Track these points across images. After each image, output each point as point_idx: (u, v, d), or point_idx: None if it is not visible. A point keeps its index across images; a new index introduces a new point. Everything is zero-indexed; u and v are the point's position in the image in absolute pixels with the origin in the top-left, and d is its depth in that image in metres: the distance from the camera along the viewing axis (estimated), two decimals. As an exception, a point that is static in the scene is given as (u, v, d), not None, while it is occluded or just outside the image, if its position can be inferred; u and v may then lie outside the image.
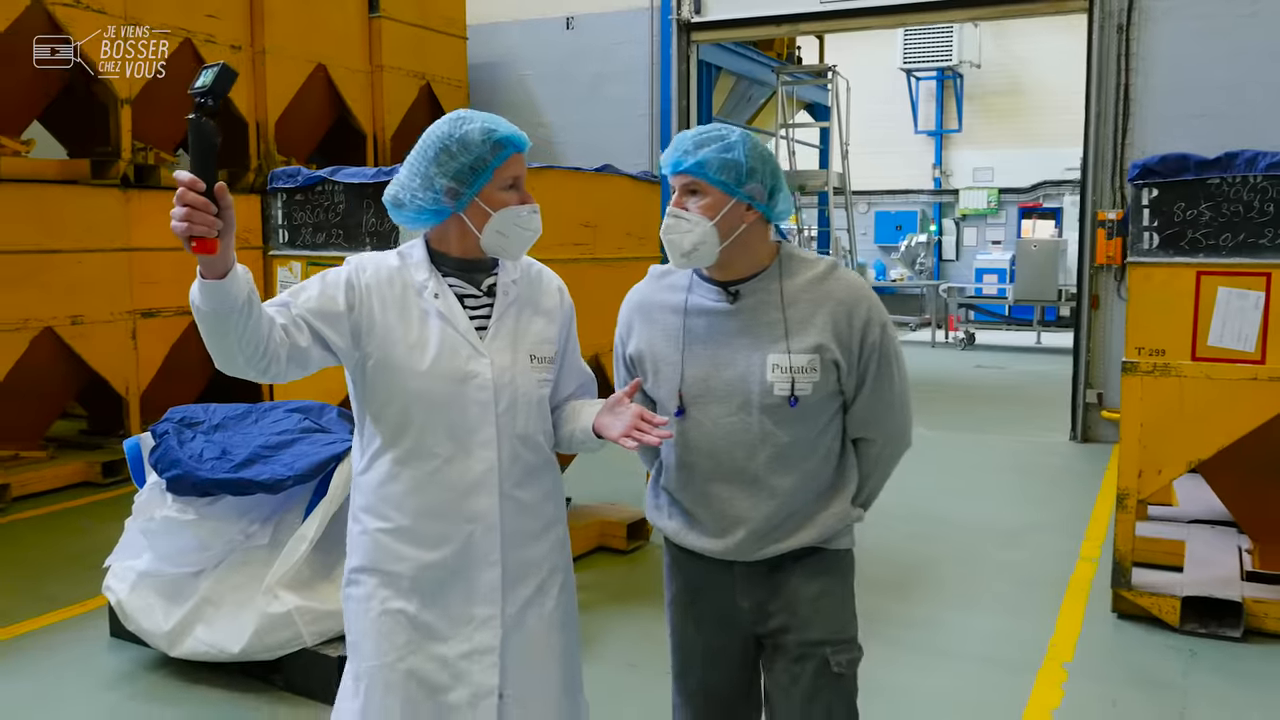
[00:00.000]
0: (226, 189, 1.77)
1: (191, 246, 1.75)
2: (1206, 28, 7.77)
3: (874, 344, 2.14)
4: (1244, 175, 4.05)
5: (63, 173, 6.71)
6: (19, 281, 6.29)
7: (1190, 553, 4.86)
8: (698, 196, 2.09)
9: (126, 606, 3.98)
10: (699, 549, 2.22)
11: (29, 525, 6.04)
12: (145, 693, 3.86)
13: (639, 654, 4.14)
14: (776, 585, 2.20)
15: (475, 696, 2.09)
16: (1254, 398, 4.11)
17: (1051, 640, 4.30)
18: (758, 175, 2.10)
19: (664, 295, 2.25)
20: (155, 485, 3.95)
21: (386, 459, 2.10)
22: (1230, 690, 3.85)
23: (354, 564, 2.16)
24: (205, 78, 1.81)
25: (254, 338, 1.87)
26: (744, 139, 2.11)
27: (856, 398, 2.18)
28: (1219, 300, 4.14)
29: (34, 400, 6.82)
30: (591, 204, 5.12)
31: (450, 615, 2.10)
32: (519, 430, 2.14)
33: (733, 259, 2.13)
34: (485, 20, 10.26)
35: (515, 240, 2.12)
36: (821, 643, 2.18)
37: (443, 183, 2.04)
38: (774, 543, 2.16)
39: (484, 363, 2.09)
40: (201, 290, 1.79)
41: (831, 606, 2.22)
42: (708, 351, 2.16)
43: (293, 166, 5.32)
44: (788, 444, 2.13)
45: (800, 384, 2.10)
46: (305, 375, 2.03)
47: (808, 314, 2.12)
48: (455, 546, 2.09)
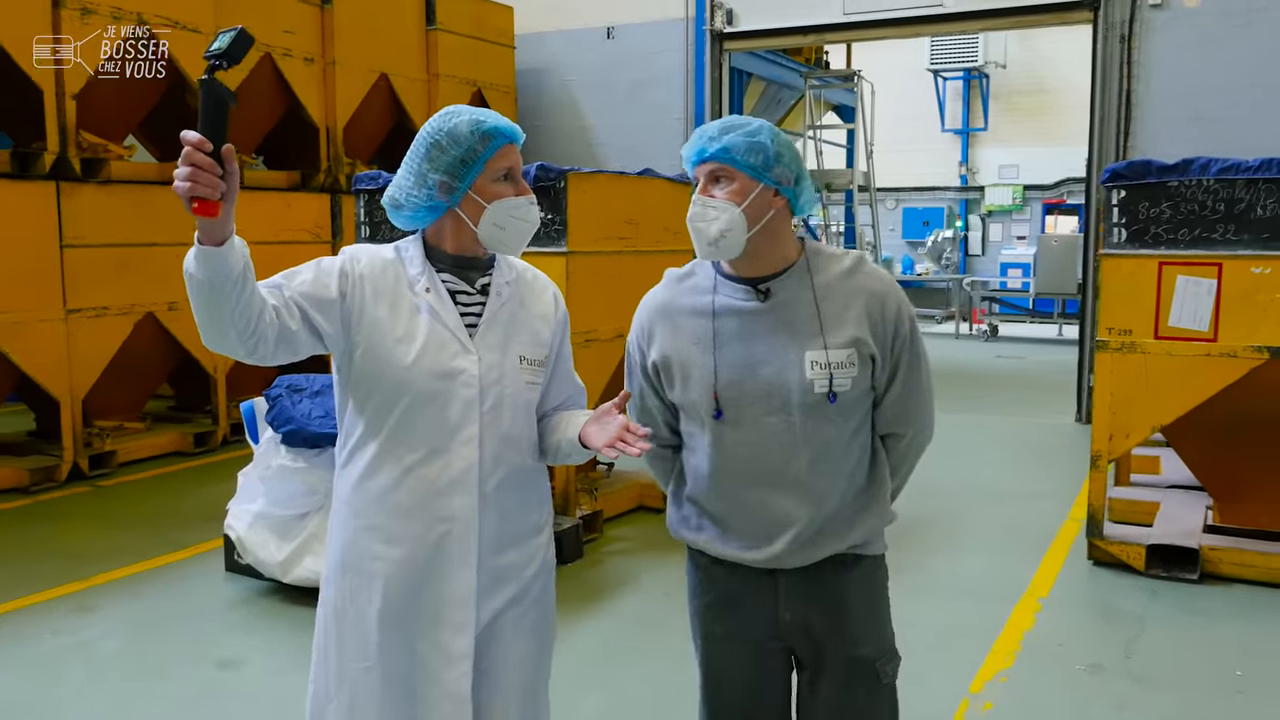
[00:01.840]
0: (234, 153, 1.74)
1: (193, 208, 1.71)
2: (1203, 37, 8.35)
3: (905, 336, 2.11)
4: (1199, 179, 4.69)
5: (160, 174, 7.51)
6: (125, 271, 7.10)
7: (1162, 511, 5.50)
8: (724, 183, 2.04)
9: (245, 542, 4.75)
10: (737, 559, 2.14)
11: (136, 486, 6.86)
12: (262, 610, 4.64)
13: (671, 586, 4.85)
14: (820, 595, 2.14)
15: (447, 701, 2.05)
16: (1208, 371, 4.75)
17: (1032, 580, 4.97)
18: (784, 160, 2.05)
19: (687, 299, 2.17)
20: (271, 439, 4.71)
21: (367, 452, 2.06)
22: (1181, 620, 4.50)
23: (331, 561, 2.13)
24: (221, 41, 1.76)
25: (246, 313, 1.82)
26: (766, 126, 2.08)
27: (888, 391, 2.14)
28: (1178, 287, 4.77)
29: (135, 378, 7.64)
30: (634, 203, 5.84)
31: (423, 618, 2.04)
32: (504, 430, 2.09)
33: (760, 249, 2.07)
34: (532, 30, 10.98)
35: (513, 232, 2.08)
36: (871, 657, 2.17)
37: (435, 178, 2.02)
38: (818, 547, 2.11)
39: (471, 359, 2.05)
40: (197, 257, 1.74)
41: (876, 617, 2.21)
42: (741, 352, 2.09)
43: (372, 170, 6.10)
44: (828, 443, 2.08)
45: (839, 379, 2.05)
46: (292, 360, 2.00)
47: (842, 308, 2.07)
48: (430, 546, 2.03)
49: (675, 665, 3.89)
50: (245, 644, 4.29)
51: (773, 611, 2.15)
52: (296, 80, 8.45)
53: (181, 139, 1.69)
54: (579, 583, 4.98)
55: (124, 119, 7.68)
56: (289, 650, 4.18)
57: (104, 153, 7.04)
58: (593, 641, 4.28)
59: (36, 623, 4.46)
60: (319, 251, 8.56)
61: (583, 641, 4.28)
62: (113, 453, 7.12)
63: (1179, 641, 4.29)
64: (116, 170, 7.08)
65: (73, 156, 6.71)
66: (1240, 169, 4.59)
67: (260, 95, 8.23)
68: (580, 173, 5.41)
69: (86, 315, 6.90)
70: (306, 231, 8.64)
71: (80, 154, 6.79)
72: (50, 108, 6.54)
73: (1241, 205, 4.62)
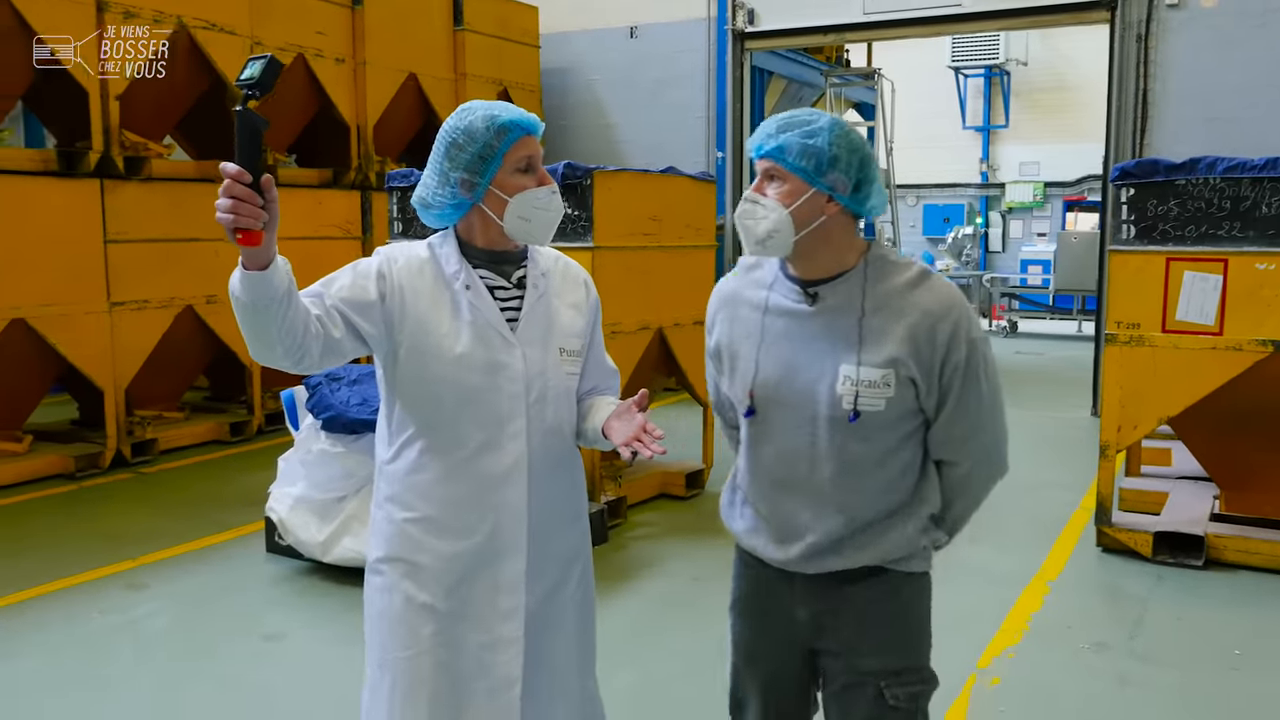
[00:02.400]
0: (273, 181, 1.77)
1: (236, 239, 1.74)
2: (1219, 38, 8.45)
3: (959, 361, 1.98)
4: (1205, 177, 4.84)
5: (198, 172, 7.76)
6: (166, 266, 7.36)
7: (1170, 500, 5.65)
8: (777, 183, 2.00)
9: (286, 523, 4.98)
10: (762, 555, 2.16)
11: (176, 472, 7.12)
12: (304, 587, 4.87)
13: (699, 571, 5.05)
14: (834, 603, 2.11)
15: (499, 686, 2.10)
16: (1214, 364, 4.90)
17: (1042, 565, 5.14)
18: (841, 165, 1.97)
19: (749, 291, 2.15)
20: (311, 425, 4.93)
21: (415, 448, 2.10)
22: (1185, 603, 4.66)
23: (378, 554, 2.15)
24: (252, 69, 1.79)
25: (292, 329, 1.86)
26: (831, 126, 1.99)
27: (938, 417, 2.04)
28: (1184, 282, 4.93)
29: (174, 369, 7.91)
30: (658, 200, 6.03)
31: (475, 606, 2.09)
32: (549, 422, 2.14)
33: (812, 252, 2.02)
34: (557, 30, 11.19)
35: (538, 223, 2.09)
36: (876, 673, 2.09)
37: (456, 175, 2.04)
38: (834, 558, 2.06)
39: (515, 354, 2.09)
40: (243, 281, 1.79)
41: (892, 633, 2.12)
42: (783, 354, 2.06)
43: (404, 169, 6.33)
44: (855, 459, 2.02)
45: (868, 399, 1.97)
46: (339, 365, 2.04)
47: (887, 324, 1.98)
48: (482, 537, 2.09)
49: (703, 643, 4.12)
50: (289, 618, 4.53)
51: (789, 609, 2.15)
52: (328, 80, 8.69)
53: (220, 171, 1.73)
54: (606, 566, 5.17)
55: (163, 118, 7.93)
56: (331, 624, 4.41)
57: (144, 151, 7.29)
58: (621, 621, 4.47)
59: (85, 602, 4.70)
60: (350, 247, 8.84)
61: (612, 621, 4.46)
62: (154, 440, 7.38)
63: (1181, 623, 4.45)
64: (157, 168, 7.33)
65: (116, 155, 6.96)
66: (1246, 168, 4.74)
67: (293, 95, 8.48)
68: (606, 171, 5.61)
69: (129, 308, 7.16)
70: (337, 228, 8.88)
71: (123, 153, 7.05)
72: (95, 108, 6.79)
73: (1247, 203, 4.76)
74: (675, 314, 6.10)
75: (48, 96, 7.09)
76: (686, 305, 6.15)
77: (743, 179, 10.63)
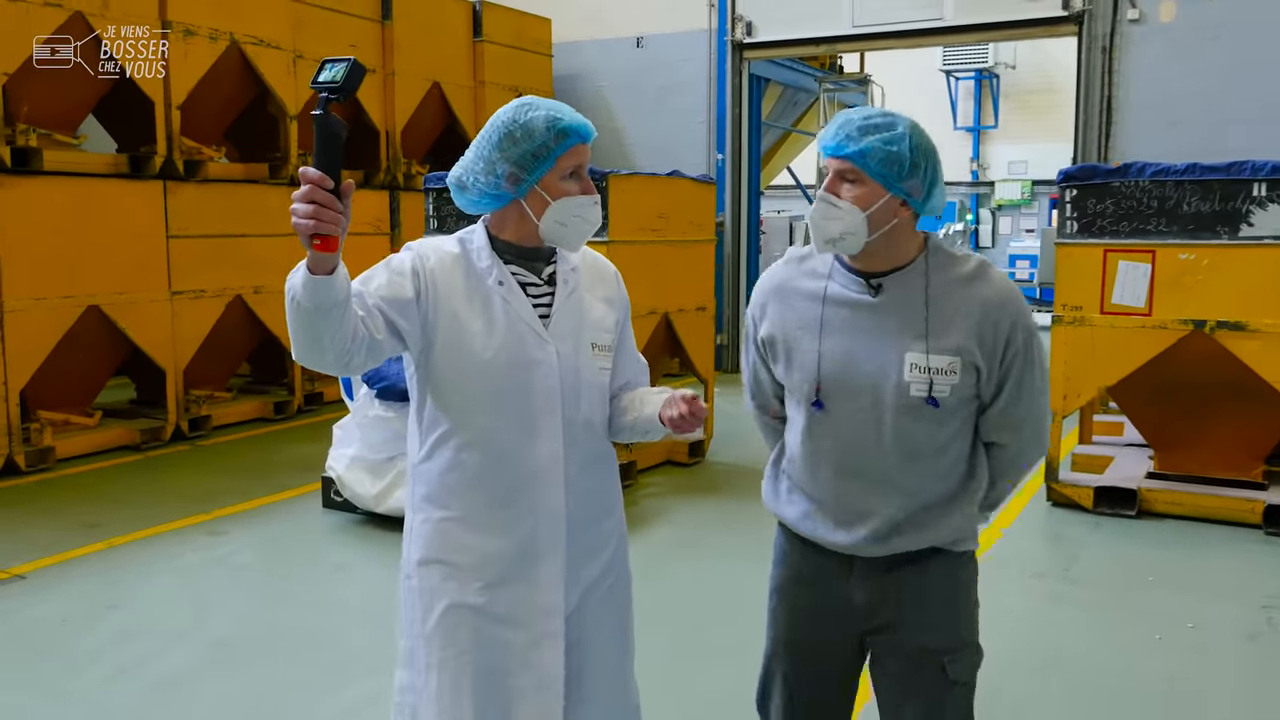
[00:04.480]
0: (352, 187, 1.75)
1: (314, 244, 1.70)
2: (1178, 49, 9.20)
3: (1018, 349, 2.05)
4: (1136, 180, 5.62)
5: (246, 174, 8.55)
6: (218, 259, 8.15)
7: (1114, 463, 6.44)
8: (853, 185, 2.00)
9: (343, 480, 5.76)
10: (819, 540, 2.17)
11: (231, 445, 7.92)
12: (361, 532, 5.67)
13: (702, 519, 5.85)
14: (895, 584, 2.14)
15: (542, 683, 2.09)
16: (1144, 340, 5.69)
17: (996, 517, 5.93)
18: (920, 171, 2.00)
19: (803, 281, 2.17)
20: (366, 394, 5.72)
21: (450, 446, 2.07)
22: (1115, 544, 5.46)
23: (416, 555, 2.14)
24: (334, 71, 1.73)
25: (344, 334, 1.84)
26: (912, 130, 2.02)
27: (994, 402, 2.10)
28: (1119, 270, 5.71)
29: (224, 352, 8.71)
30: (664, 199, 6.83)
31: (515, 604, 2.08)
32: (584, 418, 2.13)
33: (878, 250, 2.05)
34: (568, 40, 11.96)
35: (574, 230, 2.09)
36: (939, 650, 2.14)
37: (505, 168, 2.01)
38: (899, 539, 2.10)
39: (549, 350, 2.07)
40: (306, 285, 1.75)
41: (953, 612, 2.17)
42: (845, 344, 2.09)
43: (440, 172, 7.13)
44: (918, 445, 2.07)
45: (939, 385, 2.02)
46: (376, 365, 1.98)
47: (952, 313, 2.04)
48: (521, 535, 2.07)
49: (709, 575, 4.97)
50: (353, 554, 5.35)
51: (845, 594, 2.17)
52: (360, 89, 9.42)
53: (301, 176, 1.71)
54: (618, 516, 5.99)
55: (215, 125, 8.73)
56: (391, 556, 5.12)
57: (200, 155, 8.09)
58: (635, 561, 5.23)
59: (177, 544, 5.48)
60: (379, 243, 9.64)
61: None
62: (208, 417, 8.17)
63: (1110, 558, 5.26)
64: (212, 170, 8.13)
65: (177, 159, 7.75)
66: (1169, 172, 5.52)
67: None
68: (619, 174, 6.42)
69: (187, 297, 7.95)
70: (368, 225, 9.67)
71: (183, 157, 7.84)
72: (160, 116, 7.58)
73: (1171, 202, 5.55)
74: (680, 300, 6.91)
75: (115, 106, 7.87)
76: (690, 293, 7.00)
77: (741, 180, 11.42)
